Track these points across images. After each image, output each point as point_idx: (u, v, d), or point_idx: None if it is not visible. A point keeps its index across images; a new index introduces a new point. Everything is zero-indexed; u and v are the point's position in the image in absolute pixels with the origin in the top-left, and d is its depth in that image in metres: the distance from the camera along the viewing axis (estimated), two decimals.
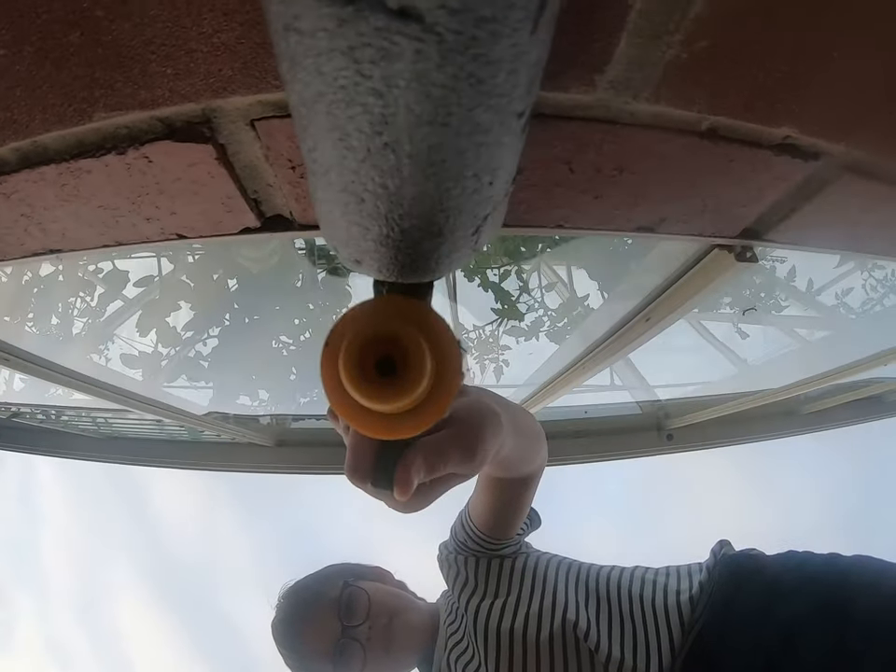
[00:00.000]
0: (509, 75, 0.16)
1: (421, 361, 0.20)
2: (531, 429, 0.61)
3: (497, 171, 0.20)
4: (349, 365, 0.20)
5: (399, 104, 0.15)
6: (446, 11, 0.13)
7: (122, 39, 0.27)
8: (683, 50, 0.31)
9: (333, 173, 0.19)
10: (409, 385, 0.20)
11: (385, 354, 0.21)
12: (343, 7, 0.13)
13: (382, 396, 0.21)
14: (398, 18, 0.13)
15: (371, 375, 0.20)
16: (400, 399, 0.21)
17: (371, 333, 0.20)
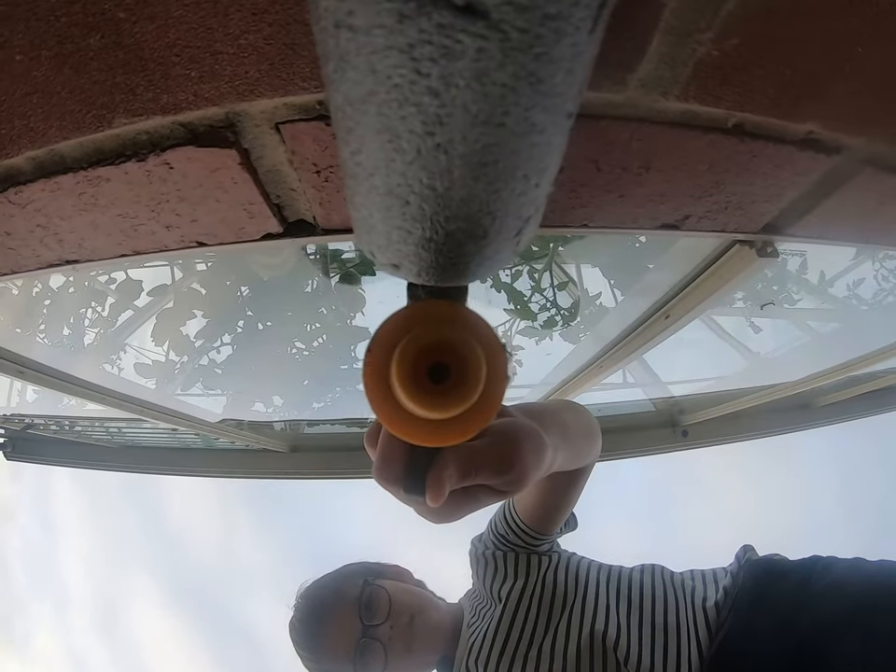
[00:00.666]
0: (566, 74, 0.15)
1: (477, 368, 0.20)
2: (583, 427, 0.59)
3: (544, 171, 0.19)
4: (404, 372, 0.20)
5: (457, 103, 0.15)
6: (513, 8, 0.12)
7: (145, 42, 0.26)
8: (714, 48, 0.30)
9: (378, 175, 0.19)
10: (466, 393, 0.20)
11: (436, 361, 0.20)
12: (406, 2, 0.12)
13: (438, 404, 0.20)
14: (463, 14, 0.12)
15: (425, 383, 0.20)
16: (457, 408, 0.20)
17: (427, 340, 0.20)
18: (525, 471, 0.35)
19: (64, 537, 54.90)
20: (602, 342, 1.02)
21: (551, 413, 0.48)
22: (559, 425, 0.47)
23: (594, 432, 0.62)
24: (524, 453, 0.35)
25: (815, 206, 0.49)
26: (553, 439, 0.42)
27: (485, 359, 0.22)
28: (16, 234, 0.47)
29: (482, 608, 0.84)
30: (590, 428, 0.61)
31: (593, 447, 0.62)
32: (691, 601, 0.74)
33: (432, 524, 0.37)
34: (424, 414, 0.21)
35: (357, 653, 0.79)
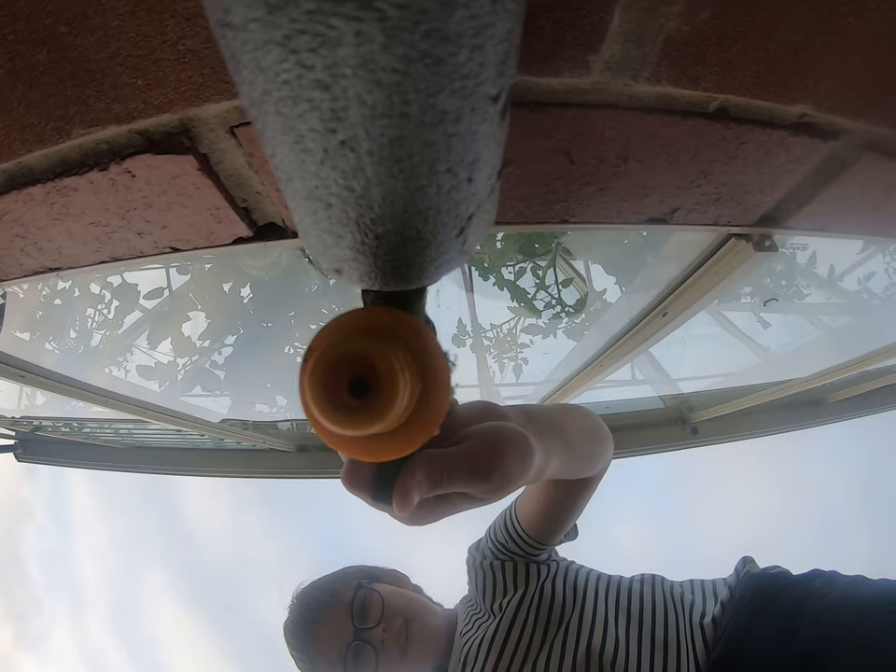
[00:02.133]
0: (472, 52, 0.14)
1: (393, 381, 0.19)
2: (588, 433, 0.56)
3: (475, 164, 0.18)
4: (314, 388, 0.19)
5: (349, 95, 0.14)
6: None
7: (89, 54, 0.26)
8: (683, 23, 0.28)
9: (296, 178, 0.18)
10: (380, 409, 0.19)
11: (358, 374, 0.19)
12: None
13: (349, 421, 0.19)
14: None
15: (340, 399, 0.19)
16: (371, 425, 0.19)
17: (336, 353, 0.19)
18: (504, 481, 0.33)
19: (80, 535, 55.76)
20: (604, 338, 1.01)
21: (549, 417, 0.46)
22: (557, 429, 0.45)
23: (601, 438, 0.59)
24: (504, 461, 0.33)
25: (814, 196, 0.46)
26: (548, 444, 0.41)
27: (415, 368, 0.21)
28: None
29: (476, 617, 0.83)
30: (597, 435, 0.58)
31: (599, 454, 0.60)
32: (689, 617, 0.72)
33: (406, 525, 0.36)
34: (339, 431, 0.20)
35: (348, 656, 0.78)
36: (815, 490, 25.57)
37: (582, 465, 0.56)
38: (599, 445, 0.59)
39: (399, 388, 0.19)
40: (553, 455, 0.42)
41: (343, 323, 0.22)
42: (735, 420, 1.90)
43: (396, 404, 0.19)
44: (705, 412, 1.87)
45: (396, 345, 0.21)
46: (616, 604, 0.75)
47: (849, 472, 21.15)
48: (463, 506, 0.35)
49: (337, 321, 0.22)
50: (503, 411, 0.38)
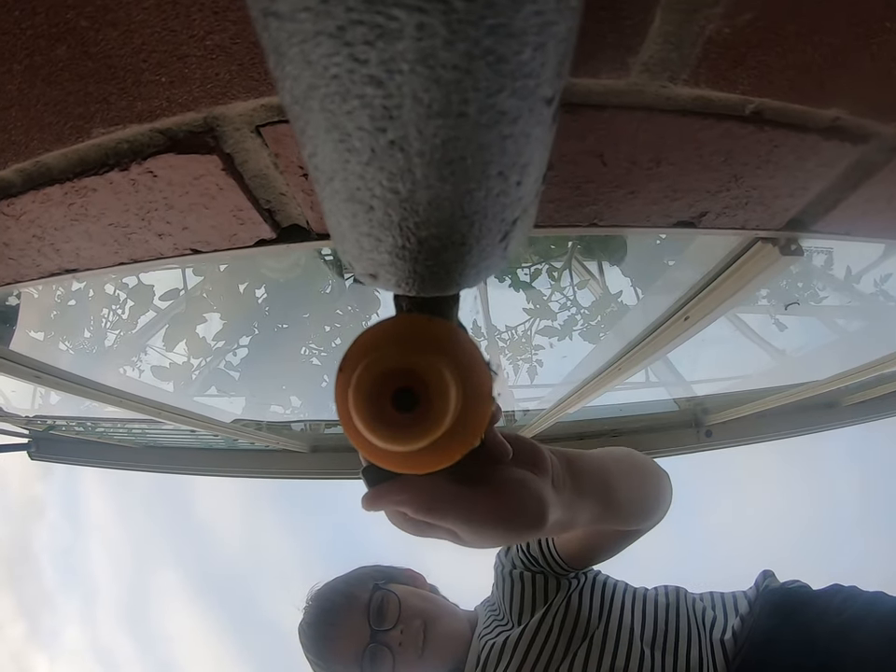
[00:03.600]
0: (535, 51, 0.13)
1: (444, 396, 0.17)
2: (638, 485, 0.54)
3: (526, 168, 0.17)
4: (360, 402, 0.18)
5: (404, 92, 0.13)
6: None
7: (111, 49, 0.25)
8: (725, 25, 0.27)
9: (337, 179, 0.17)
10: (430, 425, 0.18)
11: (403, 385, 0.18)
12: None
13: (398, 437, 0.18)
14: None
15: (386, 413, 0.18)
16: (419, 441, 0.18)
17: (386, 366, 0.18)
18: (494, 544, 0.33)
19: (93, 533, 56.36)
20: (622, 342, 0.99)
21: (592, 469, 0.44)
22: (598, 483, 0.44)
23: (652, 490, 0.57)
24: (498, 528, 0.32)
25: (841, 200, 0.45)
26: (582, 499, 0.41)
27: (458, 379, 0.20)
28: (13, 245, 0.47)
29: (498, 622, 0.82)
30: (648, 486, 0.56)
31: (649, 508, 0.58)
32: (710, 634, 0.72)
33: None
34: (385, 447, 0.19)
35: (365, 659, 0.77)
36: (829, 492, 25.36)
37: (625, 518, 0.54)
38: (649, 498, 0.56)
39: (451, 404, 0.18)
40: (585, 511, 0.42)
41: (383, 332, 0.21)
42: (749, 423, 1.88)
43: (447, 420, 0.18)
44: (719, 414, 1.84)
45: (440, 356, 0.20)
46: (642, 620, 0.74)
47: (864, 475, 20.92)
48: (446, 538, 0.35)
49: (376, 329, 0.21)
50: (544, 458, 0.37)
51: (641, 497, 0.55)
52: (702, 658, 0.68)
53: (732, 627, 0.71)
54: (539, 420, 1.55)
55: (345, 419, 0.20)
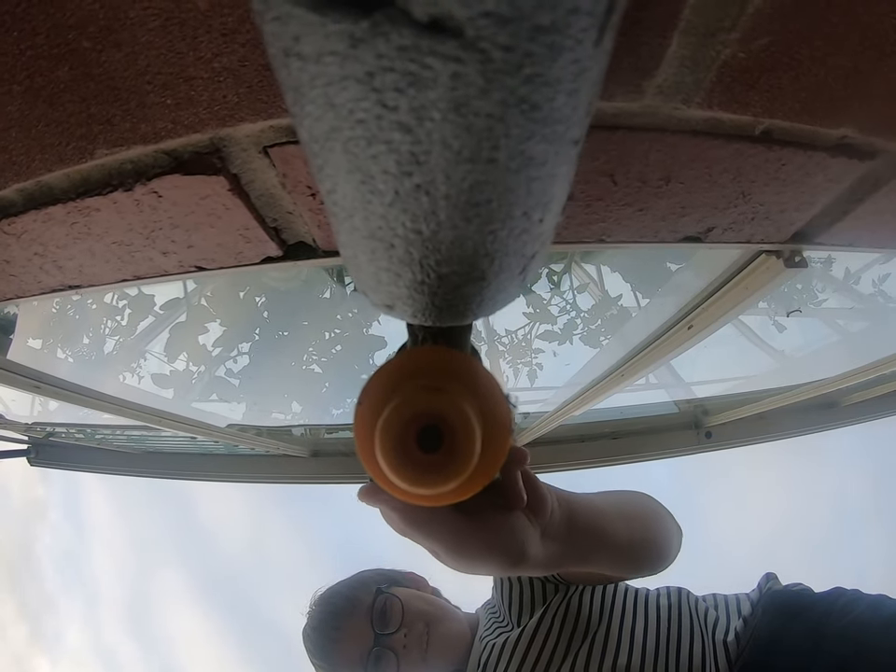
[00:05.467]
0: (568, 97, 0.12)
1: (470, 436, 0.17)
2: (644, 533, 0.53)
3: (548, 205, 0.16)
4: (388, 447, 0.17)
5: (434, 139, 0.12)
6: (493, 21, 0.10)
7: (114, 71, 0.24)
8: (741, 49, 0.27)
9: (357, 217, 0.16)
10: (457, 467, 0.17)
11: (427, 424, 0.17)
12: (356, 22, 0.10)
13: (426, 480, 0.17)
14: (428, 33, 0.10)
15: (413, 456, 0.17)
16: (447, 484, 0.17)
17: (415, 410, 0.17)
18: (464, 571, 0.34)
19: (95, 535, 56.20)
20: (624, 348, 0.99)
21: (592, 517, 0.44)
22: (596, 531, 0.44)
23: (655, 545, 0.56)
24: (474, 561, 0.33)
25: (847, 213, 0.45)
26: (574, 544, 0.41)
27: (482, 417, 0.19)
28: (15, 262, 0.47)
29: (498, 624, 0.81)
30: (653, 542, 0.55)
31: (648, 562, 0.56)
32: (712, 635, 0.72)
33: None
34: (412, 491, 0.18)
35: (369, 662, 0.77)
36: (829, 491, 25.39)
37: (620, 570, 0.54)
38: (650, 551, 0.55)
39: (476, 443, 0.17)
40: (573, 562, 0.42)
41: (405, 366, 0.21)
42: (748, 424, 1.88)
43: (473, 460, 0.17)
44: (719, 416, 1.84)
45: (461, 390, 0.19)
46: (645, 620, 0.74)
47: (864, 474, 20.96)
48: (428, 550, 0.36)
49: (398, 363, 0.21)
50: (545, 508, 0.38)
51: (640, 551, 0.54)
52: (704, 659, 0.68)
53: (734, 629, 0.71)
54: (539, 424, 1.55)
55: (366, 455, 0.20)
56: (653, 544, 0.54)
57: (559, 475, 1.91)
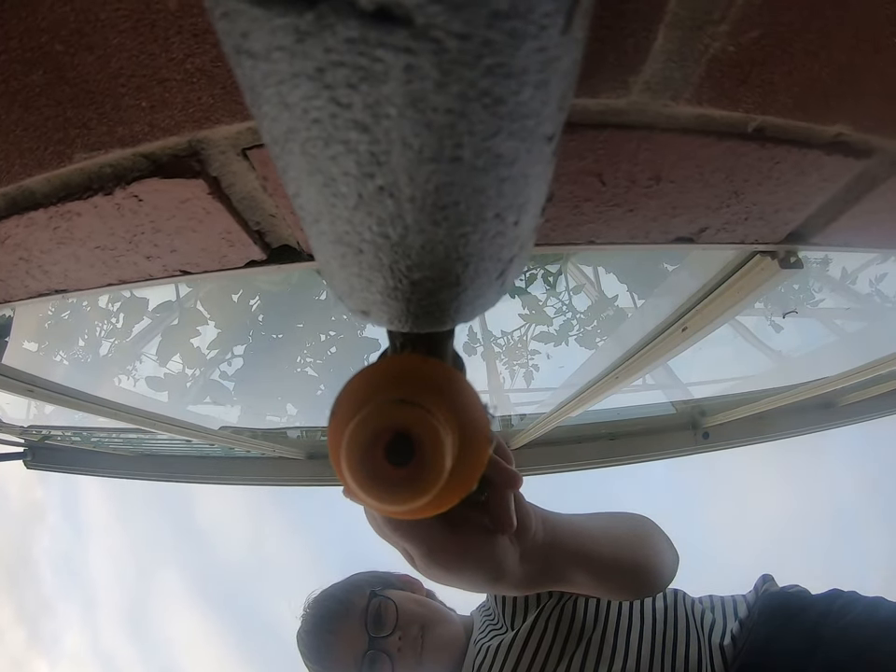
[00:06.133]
0: (536, 89, 0.12)
1: (440, 450, 0.16)
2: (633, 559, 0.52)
3: (524, 206, 0.16)
4: (353, 463, 0.17)
5: (392, 138, 0.12)
6: (445, 7, 0.09)
7: (88, 74, 0.24)
8: (730, 43, 0.27)
9: (323, 221, 0.16)
10: (426, 484, 0.16)
11: (398, 436, 0.17)
12: (301, 15, 0.09)
13: (395, 497, 0.17)
14: (376, 23, 0.09)
15: (380, 471, 0.17)
16: (416, 500, 0.17)
17: (378, 424, 0.17)
18: (436, 581, 0.34)
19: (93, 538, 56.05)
20: (619, 349, 0.99)
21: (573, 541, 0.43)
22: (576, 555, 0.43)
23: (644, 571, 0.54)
24: (449, 574, 0.33)
25: (842, 213, 0.44)
26: (552, 568, 0.40)
27: (457, 428, 0.19)
28: (1, 267, 0.46)
29: (492, 627, 0.81)
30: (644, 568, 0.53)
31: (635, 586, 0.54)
32: (709, 638, 0.71)
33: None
34: (381, 508, 0.18)
35: (364, 665, 0.77)
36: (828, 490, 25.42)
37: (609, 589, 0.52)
38: (637, 576, 0.53)
39: (447, 458, 0.17)
40: (555, 581, 0.41)
41: (375, 376, 0.20)
42: (745, 424, 1.87)
43: (443, 475, 0.17)
44: (716, 416, 1.84)
45: (434, 400, 0.19)
46: (640, 623, 0.73)
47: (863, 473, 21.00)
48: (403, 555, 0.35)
49: (367, 373, 0.20)
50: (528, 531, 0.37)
51: (627, 575, 0.52)
52: (701, 662, 0.68)
53: (731, 631, 0.71)
54: (535, 425, 1.54)
55: (339, 468, 0.19)
56: (642, 568, 0.53)
57: (558, 476, 1.91)
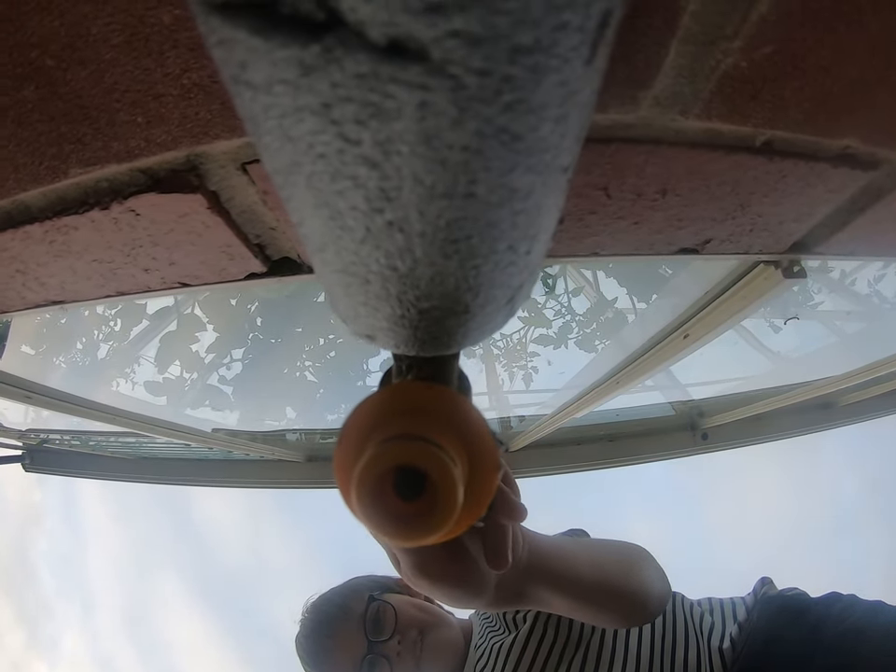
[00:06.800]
0: (556, 124, 0.11)
1: (452, 492, 0.16)
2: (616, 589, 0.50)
3: (536, 237, 0.15)
4: (364, 502, 0.16)
5: (404, 174, 0.11)
6: (463, 42, 0.08)
7: (81, 89, 0.23)
8: (742, 59, 0.26)
9: (328, 252, 0.15)
10: (437, 522, 0.16)
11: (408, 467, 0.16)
12: (305, 47, 0.09)
13: (407, 534, 0.16)
14: (388, 58, 0.09)
15: (390, 507, 0.16)
16: (428, 537, 0.16)
17: (384, 465, 0.16)
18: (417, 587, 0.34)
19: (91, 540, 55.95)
20: (620, 354, 0.98)
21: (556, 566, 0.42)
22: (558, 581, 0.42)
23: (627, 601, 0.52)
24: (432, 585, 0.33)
25: (847, 223, 0.44)
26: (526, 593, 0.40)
27: (465, 458, 0.18)
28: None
29: (491, 630, 0.81)
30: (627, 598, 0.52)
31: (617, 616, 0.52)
32: (708, 641, 0.71)
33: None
34: (397, 544, 0.17)
35: (363, 670, 0.77)
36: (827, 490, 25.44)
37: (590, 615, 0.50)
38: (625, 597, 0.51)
39: (458, 498, 0.16)
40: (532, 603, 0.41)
41: (379, 407, 0.19)
42: (744, 425, 1.87)
43: (455, 514, 0.16)
44: (715, 417, 1.84)
45: (442, 431, 0.18)
46: (639, 628, 0.73)
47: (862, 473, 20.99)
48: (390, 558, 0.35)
49: (373, 402, 0.19)
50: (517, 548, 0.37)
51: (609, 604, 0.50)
52: (700, 664, 0.67)
53: (730, 635, 0.71)
54: (535, 428, 1.54)
55: (347, 498, 0.19)
56: (625, 597, 0.51)
57: (556, 478, 1.91)
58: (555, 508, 11.88)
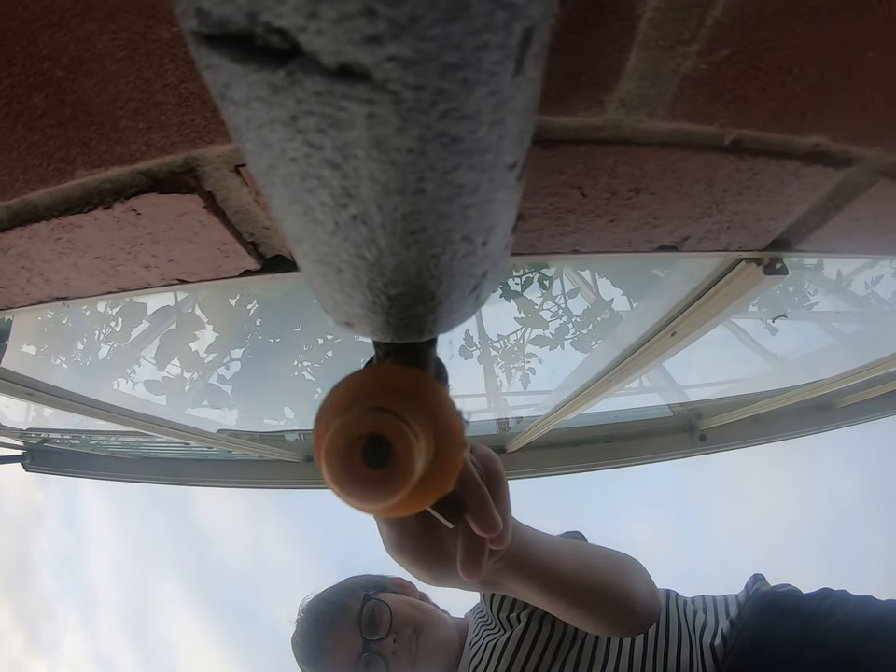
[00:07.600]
0: (492, 127, 0.13)
1: (409, 457, 0.18)
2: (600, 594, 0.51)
3: (491, 229, 0.17)
4: (332, 466, 0.18)
5: (361, 174, 0.13)
6: (398, 64, 0.11)
7: (88, 97, 0.25)
8: (701, 61, 0.28)
9: (305, 244, 0.17)
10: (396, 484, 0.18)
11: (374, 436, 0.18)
12: (273, 71, 0.11)
13: (369, 497, 0.18)
14: (340, 79, 0.11)
15: (355, 472, 0.18)
16: (388, 499, 0.18)
17: (353, 432, 0.18)
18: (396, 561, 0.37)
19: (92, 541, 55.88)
20: (612, 353, 1.00)
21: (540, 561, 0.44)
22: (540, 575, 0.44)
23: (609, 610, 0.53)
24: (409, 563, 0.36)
25: (825, 220, 0.45)
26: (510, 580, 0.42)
27: (431, 432, 0.20)
28: (3, 275, 0.48)
29: (486, 628, 0.82)
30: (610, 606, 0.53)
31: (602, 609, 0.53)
32: (700, 638, 0.72)
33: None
34: (360, 507, 0.19)
35: (359, 669, 0.78)
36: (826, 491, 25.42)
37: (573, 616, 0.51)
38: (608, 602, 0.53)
39: (415, 462, 0.18)
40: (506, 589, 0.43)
41: (355, 385, 0.21)
42: (743, 427, 1.88)
43: (413, 477, 0.18)
44: (713, 419, 1.85)
45: (409, 407, 0.20)
46: None
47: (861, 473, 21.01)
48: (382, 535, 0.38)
49: (349, 382, 0.22)
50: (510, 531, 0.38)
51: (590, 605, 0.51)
52: (692, 662, 0.68)
53: (721, 631, 0.72)
54: (532, 428, 1.56)
55: (321, 468, 0.21)
56: (609, 601, 0.52)
57: (555, 478, 1.92)
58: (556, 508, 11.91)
